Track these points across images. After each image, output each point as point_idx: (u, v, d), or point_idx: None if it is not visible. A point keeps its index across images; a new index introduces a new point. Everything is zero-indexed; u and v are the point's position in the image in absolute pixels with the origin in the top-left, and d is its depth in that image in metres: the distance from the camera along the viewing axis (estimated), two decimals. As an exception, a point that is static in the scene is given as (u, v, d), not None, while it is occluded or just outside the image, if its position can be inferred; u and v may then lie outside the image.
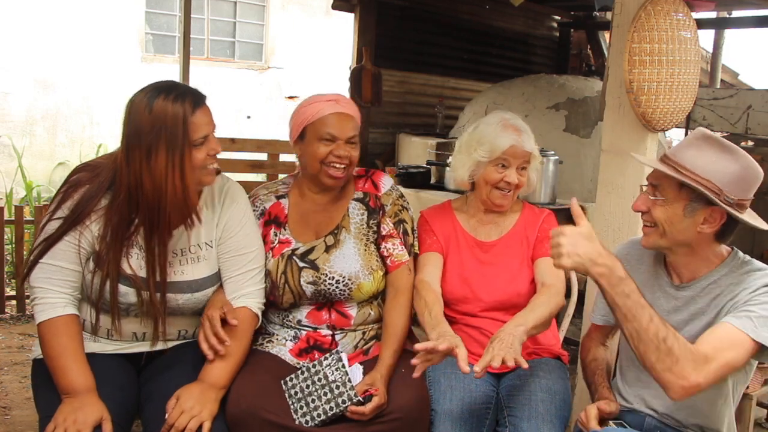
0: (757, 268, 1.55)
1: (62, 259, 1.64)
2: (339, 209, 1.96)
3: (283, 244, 1.92)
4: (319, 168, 1.87)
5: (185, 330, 1.82)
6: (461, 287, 2.00)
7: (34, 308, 1.67)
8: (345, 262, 1.88)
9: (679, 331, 1.57)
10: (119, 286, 1.66)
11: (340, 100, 1.92)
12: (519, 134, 1.99)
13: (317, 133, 1.86)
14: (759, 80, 16.15)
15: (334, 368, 1.71)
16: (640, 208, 1.58)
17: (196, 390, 1.62)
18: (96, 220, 1.65)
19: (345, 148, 1.86)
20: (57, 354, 1.60)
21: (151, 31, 8.62)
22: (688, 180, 1.48)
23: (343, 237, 1.92)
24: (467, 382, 1.88)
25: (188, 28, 3.90)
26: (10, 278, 4.16)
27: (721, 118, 4.65)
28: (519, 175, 1.99)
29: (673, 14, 2.14)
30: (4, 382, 3.04)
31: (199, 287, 1.75)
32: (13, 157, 6.60)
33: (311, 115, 1.88)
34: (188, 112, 1.61)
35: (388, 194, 2.00)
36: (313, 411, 1.67)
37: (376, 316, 1.94)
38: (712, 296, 1.56)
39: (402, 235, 1.97)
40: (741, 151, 1.51)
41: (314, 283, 1.86)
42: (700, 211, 1.50)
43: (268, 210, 1.97)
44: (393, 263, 1.94)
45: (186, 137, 1.60)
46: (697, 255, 1.57)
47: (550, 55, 6.61)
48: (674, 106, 2.22)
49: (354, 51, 5.17)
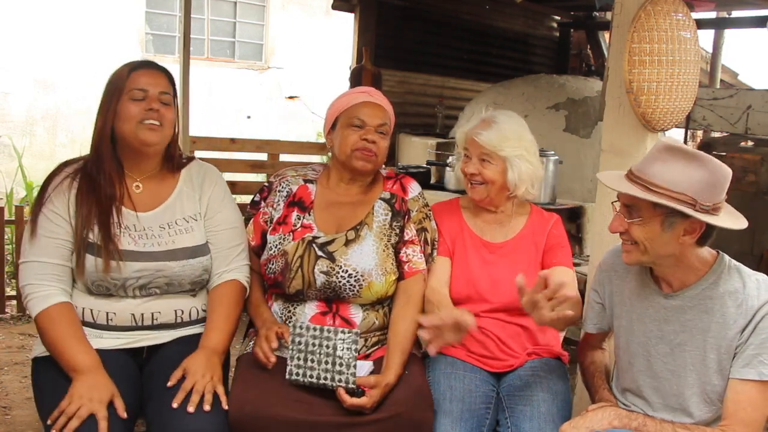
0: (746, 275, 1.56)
1: (44, 255, 1.71)
2: (364, 206, 1.98)
3: (306, 229, 1.93)
4: (349, 153, 1.91)
5: (181, 311, 1.84)
6: (466, 287, 1.99)
7: (27, 305, 1.71)
8: (361, 257, 1.88)
9: (671, 344, 1.59)
10: (86, 255, 1.72)
11: (371, 92, 2.00)
12: (483, 126, 1.99)
13: (347, 120, 1.93)
14: (759, 80, 16.18)
15: (345, 346, 1.71)
16: (617, 229, 1.57)
17: (202, 357, 1.71)
18: (68, 205, 1.74)
19: (374, 135, 1.91)
20: (58, 339, 1.65)
21: (151, 31, 8.63)
22: (661, 198, 1.45)
23: (364, 233, 1.93)
24: (467, 382, 1.88)
25: (188, 28, 3.90)
26: (10, 278, 4.16)
27: (720, 118, 4.64)
28: (482, 167, 1.98)
29: (673, 14, 2.14)
30: (4, 382, 3.04)
31: (192, 254, 1.82)
32: (14, 157, 6.60)
33: (343, 105, 1.96)
34: (132, 67, 1.78)
35: (415, 200, 2.02)
36: (308, 369, 1.70)
37: (381, 324, 1.93)
38: (703, 310, 1.55)
39: (422, 243, 1.97)
40: (706, 156, 1.49)
41: (327, 273, 1.86)
42: (678, 224, 1.48)
43: (294, 192, 1.99)
44: (410, 269, 1.94)
45: (121, 85, 1.75)
46: (683, 263, 1.56)
47: (550, 55, 6.61)
48: (674, 106, 2.22)
49: (354, 51, 5.18)
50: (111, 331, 1.77)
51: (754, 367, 1.48)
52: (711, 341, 1.54)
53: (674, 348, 1.59)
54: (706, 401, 1.56)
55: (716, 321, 1.53)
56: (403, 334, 1.85)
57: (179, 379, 1.65)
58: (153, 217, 1.81)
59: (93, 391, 1.57)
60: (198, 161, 1.97)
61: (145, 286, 1.77)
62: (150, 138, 1.76)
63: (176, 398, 1.61)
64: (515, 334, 1.99)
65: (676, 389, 1.59)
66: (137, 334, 1.80)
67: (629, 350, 1.68)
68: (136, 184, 1.82)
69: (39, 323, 1.68)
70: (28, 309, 1.71)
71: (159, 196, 1.84)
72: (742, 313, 1.51)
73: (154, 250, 1.77)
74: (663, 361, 1.61)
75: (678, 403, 1.59)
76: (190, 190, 1.89)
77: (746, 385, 1.49)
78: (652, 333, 1.63)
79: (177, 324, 1.84)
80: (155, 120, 1.76)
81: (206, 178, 1.92)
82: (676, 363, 1.59)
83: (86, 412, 1.53)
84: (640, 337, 1.65)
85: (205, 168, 1.96)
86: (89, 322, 1.76)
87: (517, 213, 2.08)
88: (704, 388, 1.56)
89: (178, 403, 1.60)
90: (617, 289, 1.74)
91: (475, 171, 1.99)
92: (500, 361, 1.98)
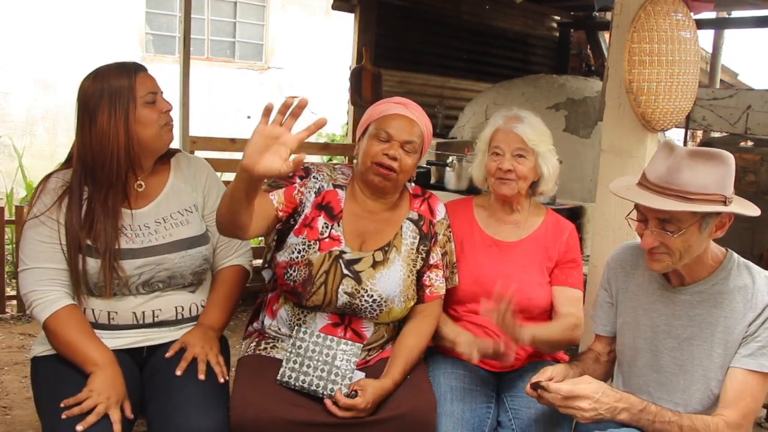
0: (756, 271, 1.58)
1: (44, 261, 1.71)
2: (392, 224, 1.90)
3: (334, 241, 1.83)
4: (368, 165, 1.81)
5: (181, 307, 1.85)
6: (474, 285, 1.97)
7: (33, 313, 1.71)
8: (388, 283, 1.81)
9: (678, 338, 1.60)
10: (87, 259, 1.72)
11: (409, 105, 1.88)
12: (513, 121, 1.98)
13: (376, 129, 1.83)
14: (758, 80, 16.19)
15: (345, 357, 1.71)
16: (653, 245, 1.54)
17: (200, 332, 1.81)
18: (63, 209, 1.73)
19: (398, 151, 1.80)
20: (70, 339, 1.67)
21: (151, 31, 8.62)
22: (703, 204, 1.47)
23: (393, 257, 1.85)
24: (467, 382, 1.88)
25: (188, 28, 3.90)
26: (10, 278, 4.16)
27: (720, 118, 4.64)
28: (516, 163, 1.96)
29: (673, 14, 2.14)
30: (4, 382, 3.04)
31: (191, 245, 1.83)
32: (14, 157, 6.59)
33: (376, 113, 1.87)
34: (131, 72, 1.75)
35: (441, 222, 1.95)
36: (301, 374, 1.69)
37: (389, 337, 1.91)
38: (712, 304, 1.57)
39: (444, 267, 1.93)
40: (718, 151, 1.52)
41: (351, 295, 1.78)
42: (712, 222, 1.52)
43: (324, 192, 1.88)
44: (431, 294, 1.89)
45: (131, 93, 1.71)
46: (701, 260, 1.58)
47: (550, 55, 6.61)
48: (674, 106, 2.22)
49: (354, 51, 5.17)
50: (112, 331, 1.77)
51: (756, 359, 1.51)
52: (719, 336, 1.56)
53: (682, 342, 1.61)
54: (709, 396, 1.58)
55: (725, 315, 1.56)
56: (411, 347, 1.83)
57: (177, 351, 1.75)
58: (147, 213, 1.82)
59: (111, 389, 1.60)
60: (183, 153, 1.98)
61: (147, 282, 1.77)
62: (170, 138, 1.83)
63: (179, 367, 1.70)
64: (517, 335, 1.99)
65: (682, 384, 1.61)
66: (138, 333, 1.80)
67: (634, 346, 1.69)
68: (138, 183, 1.83)
69: (49, 327, 1.69)
70: (34, 315, 1.71)
71: (152, 191, 1.85)
72: (752, 307, 1.54)
73: (152, 244, 1.78)
74: (670, 356, 1.62)
75: (682, 398, 1.60)
76: (181, 182, 1.90)
77: (748, 376, 1.52)
78: (659, 327, 1.64)
79: (177, 321, 1.84)
80: (171, 121, 1.82)
81: (196, 169, 1.94)
82: (683, 357, 1.60)
83: (104, 410, 1.56)
84: (646, 332, 1.66)
85: (192, 159, 1.98)
86: (90, 322, 1.76)
87: (532, 214, 2.08)
88: (709, 383, 1.58)
89: (181, 371, 1.69)
90: (623, 285, 1.75)
91: (510, 167, 1.95)
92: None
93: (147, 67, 1.82)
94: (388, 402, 1.71)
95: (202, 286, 1.91)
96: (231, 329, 2.97)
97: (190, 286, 1.87)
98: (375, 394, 1.68)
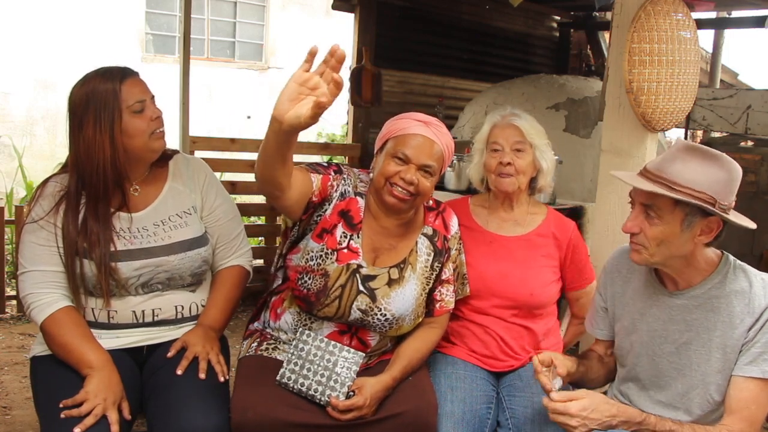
0: (752, 274, 1.57)
1: (42, 264, 1.71)
2: (407, 241, 1.86)
3: (352, 253, 1.78)
4: (383, 184, 1.75)
5: (181, 306, 1.85)
6: (475, 282, 1.97)
7: (31, 315, 1.71)
8: (402, 303, 1.79)
9: (676, 343, 1.59)
10: (84, 261, 1.71)
11: (431, 124, 1.78)
12: (510, 116, 2.02)
13: (393, 148, 1.75)
14: (758, 80, 16.19)
15: (347, 365, 1.71)
16: (631, 230, 1.55)
17: (200, 331, 1.81)
18: (60, 213, 1.73)
19: (415, 174, 1.73)
20: (67, 341, 1.67)
21: (151, 31, 8.63)
22: (685, 196, 1.45)
23: (408, 275, 1.82)
24: (468, 382, 1.88)
25: (188, 28, 3.90)
26: (10, 278, 4.16)
27: (720, 118, 4.64)
28: (515, 157, 1.98)
29: (673, 14, 2.14)
30: (4, 382, 3.04)
31: (189, 246, 1.83)
32: (14, 157, 6.60)
33: (397, 129, 1.78)
34: (116, 80, 1.71)
35: (454, 237, 1.92)
36: (300, 377, 1.68)
37: (392, 345, 1.90)
38: (709, 309, 1.56)
39: (454, 281, 1.92)
40: (724, 156, 1.50)
41: (364, 312, 1.76)
42: (696, 223, 1.49)
43: (347, 198, 1.82)
44: (441, 308, 1.89)
45: (117, 102, 1.69)
46: (691, 263, 1.57)
47: (550, 55, 6.61)
48: (674, 106, 2.22)
49: (354, 51, 5.17)
50: (112, 330, 1.77)
51: (758, 365, 1.49)
52: (716, 340, 1.54)
53: (679, 347, 1.59)
54: (708, 401, 1.57)
55: (722, 320, 1.54)
56: (414, 349, 1.83)
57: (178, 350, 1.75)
58: (146, 216, 1.82)
59: (108, 391, 1.60)
60: (181, 154, 1.96)
61: (146, 284, 1.77)
62: (160, 146, 1.80)
63: (180, 366, 1.70)
64: (518, 335, 1.99)
65: (681, 388, 1.59)
66: (138, 333, 1.80)
67: (632, 351, 1.68)
68: (134, 188, 1.83)
69: (46, 329, 1.69)
70: (32, 318, 1.71)
71: (150, 194, 1.85)
72: (749, 312, 1.52)
73: (150, 246, 1.78)
74: (668, 360, 1.61)
75: (682, 402, 1.59)
76: (180, 185, 1.89)
77: (750, 383, 1.50)
78: (657, 332, 1.63)
79: (177, 320, 1.84)
80: (161, 128, 1.79)
81: (194, 171, 1.93)
82: (681, 362, 1.59)
83: (101, 411, 1.56)
84: (643, 337, 1.65)
85: (190, 160, 1.96)
86: (90, 321, 1.76)
87: (531, 212, 2.08)
88: (708, 388, 1.56)
89: (182, 370, 1.69)
90: (619, 290, 1.74)
91: (510, 160, 1.97)
92: (501, 362, 1.98)
93: (147, 67, 1.83)
94: (388, 402, 1.71)
95: (201, 285, 1.91)
96: (231, 329, 2.97)
97: (190, 286, 1.87)
98: (373, 389, 1.68)
